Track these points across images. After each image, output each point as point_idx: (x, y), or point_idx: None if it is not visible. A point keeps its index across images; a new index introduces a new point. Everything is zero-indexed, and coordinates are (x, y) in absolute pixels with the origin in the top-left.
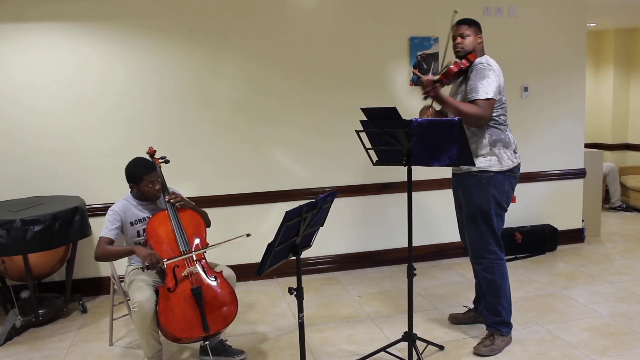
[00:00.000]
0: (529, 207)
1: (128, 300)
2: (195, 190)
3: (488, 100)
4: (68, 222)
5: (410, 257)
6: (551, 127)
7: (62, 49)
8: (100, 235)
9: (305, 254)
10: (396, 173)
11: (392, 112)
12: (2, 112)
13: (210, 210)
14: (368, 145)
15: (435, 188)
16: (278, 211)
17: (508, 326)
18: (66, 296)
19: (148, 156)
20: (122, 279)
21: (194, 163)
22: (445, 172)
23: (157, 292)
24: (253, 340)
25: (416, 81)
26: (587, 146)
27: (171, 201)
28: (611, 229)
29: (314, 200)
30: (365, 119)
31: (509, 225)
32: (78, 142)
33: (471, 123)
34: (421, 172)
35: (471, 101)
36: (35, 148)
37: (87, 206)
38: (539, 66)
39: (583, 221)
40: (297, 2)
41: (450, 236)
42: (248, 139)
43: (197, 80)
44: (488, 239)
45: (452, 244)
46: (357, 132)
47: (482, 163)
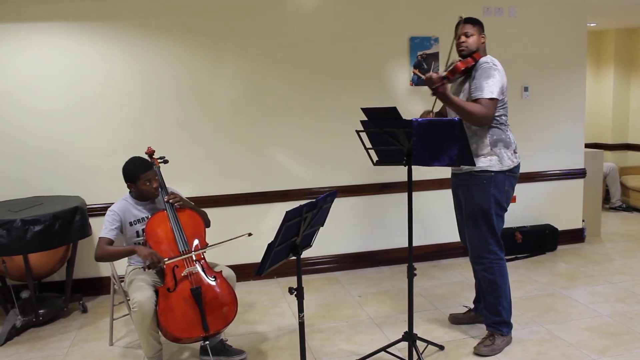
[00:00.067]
0: (529, 207)
1: (128, 300)
2: (195, 190)
3: (492, 100)
4: (68, 222)
5: (410, 257)
6: (551, 127)
7: (62, 49)
8: (99, 235)
9: (305, 254)
10: (396, 173)
11: (393, 112)
12: (2, 112)
13: (210, 210)
14: (368, 145)
15: (435, 188)
16: (278, 211)
17: (508, 326)
18: (66, 296)
19: (147, 156)
20: (122, 279)
21: (194, 163)
22: (445, 172)
23: (157, 292)
24: (253, 340)
25: (425, 77)
26: (588, 146)
27: (170, 201)
28: (611, 229)
29: (314, 200)
30: (365, 119)
31: (509, 225)
32: (78, 142)
33: (474, 122)
34: (421, 172)
35: (475, 99)
36: (35, 148)
37: (87, 206)
38: (539, 66)
39: (583, 221)
40: (297, 2)
41: (450, 236)
42: (248, 139)
43: (197, 80)
44: (488, 239)
45: (452, 244)
46: (358, 132)
47: (483, 163)
